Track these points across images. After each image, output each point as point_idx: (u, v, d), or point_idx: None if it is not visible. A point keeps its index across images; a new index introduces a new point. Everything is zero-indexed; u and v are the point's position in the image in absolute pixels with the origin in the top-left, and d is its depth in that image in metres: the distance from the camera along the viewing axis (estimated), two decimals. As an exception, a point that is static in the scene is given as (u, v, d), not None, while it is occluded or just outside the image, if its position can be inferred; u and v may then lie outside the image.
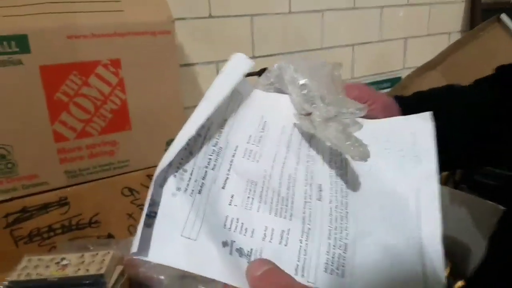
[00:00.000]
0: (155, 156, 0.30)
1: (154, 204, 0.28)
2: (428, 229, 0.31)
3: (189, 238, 0.27)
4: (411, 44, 1.35)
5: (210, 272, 0.26)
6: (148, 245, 0.26)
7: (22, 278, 0.54)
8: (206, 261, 0.27)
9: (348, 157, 0.35)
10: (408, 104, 0.48)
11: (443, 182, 0.96)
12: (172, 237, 0.27)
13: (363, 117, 0.38)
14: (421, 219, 0.32)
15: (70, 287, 0.53)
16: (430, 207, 0.32)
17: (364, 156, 0.32)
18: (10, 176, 0.62)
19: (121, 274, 0.59)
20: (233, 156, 0.33)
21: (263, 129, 0.36)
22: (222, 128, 0.34)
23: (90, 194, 0.68)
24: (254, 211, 0.30)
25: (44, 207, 0.65)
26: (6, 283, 0.53)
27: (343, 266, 0.29)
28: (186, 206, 0.28)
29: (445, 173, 0.97)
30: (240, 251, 0.28)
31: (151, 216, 0.27)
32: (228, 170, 0.32)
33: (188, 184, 0.29)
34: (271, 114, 0.38)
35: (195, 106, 0.32)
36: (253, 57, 1.05)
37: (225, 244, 0.28)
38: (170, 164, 0.29)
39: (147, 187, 0.28)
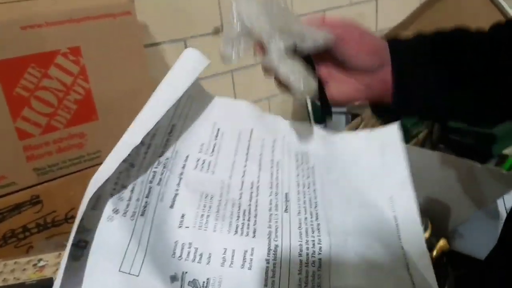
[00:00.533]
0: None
1: (84, 231, 0.23)
2: (408, 236, 0.29)
3: (129, 274, 0.23)
4: (383, 4, 1.32)
5: None
6: (76, 282, 0.22)
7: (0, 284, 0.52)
8: None
9: (317, 165, 0.33)
10: (408, 47, 0.42)
11: (421, 143, 0.96)
12: (108, 273, 0.22)
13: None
14: (399, 226, 0.29)
15: (50, 288, 0.52)
16: (407, 213, 0.30)
17: (310, 92, 0.30)
18: (-25, 180, 0.59)
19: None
20: (183, 167, 0.29)
21: (216, 137, 0.32)
22: (169, 136, 0.30)
23: (62, 189, 0.66)
24: (210, 231, 0.26)
25: (16, 208, 0.63)
26: (-18, 290, 0.52)
27: (318, 286, 0.25)
28: (125, 233, 0.24)
29: (422, 134, 0.98)
30: (194, 284, 0.24)
31: (80, 246, 0.23)
32: (178, 184, 0.28)
33: (128, 205, 0.25)
34: (225, 120, 0.34)
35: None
36: (222, 31, 1.02)
37: (174, 278, 0.23)
38: (106, 181, 0.24)
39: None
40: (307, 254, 0.26)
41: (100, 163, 0.68)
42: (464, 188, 0.78)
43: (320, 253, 0.26)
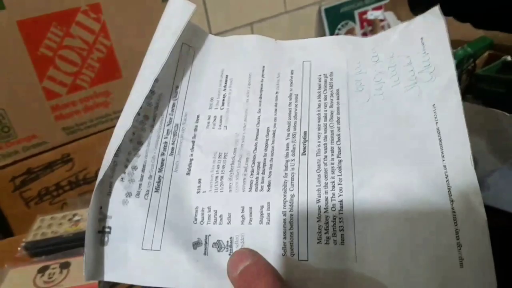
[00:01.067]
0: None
1: (105, 217, 0.24)
2: (452, 153, 0.24)
3: (151, 250, 0.23)
4: None
5: (185, 283, 0.23)
6: (104, 265, 0.23)
7: (38, 237, 0.55)
8: (176, 272, 0.23)
9: (342, 87, 0.28)
10: None
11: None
12: (132, 254, 0.23)
13: None
14: (443, 140, 0.25)
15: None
16: (452, 124, 0.25)
17: None
18: (8, 140, 0.61)
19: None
20: (195, 129, 0.27)
21: (225, 86, 0.29)
22: (175, 99, 0.28)
23: (92, 147, 0.68)
24: (226, 192, 0.25)
25: (49, 166, 0.65)
26: (23, 244, 0.54)
27: (341, 230, 0.23)
28: (141, 214, 0.24)
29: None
30: (218, 244, 0.24)
31: (105, 232, 0.23)
32: (191, 149, 0.27)
33: (140, 185, 0.25)
34: (233, 64, 0.30)
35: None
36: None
37: (196, 244, 0.24)
38: (114, 165, 0.24)
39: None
40: (326, 198, 0.24)
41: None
42: (491, 139, 0.76)
43: (340, 195, 0.24)
